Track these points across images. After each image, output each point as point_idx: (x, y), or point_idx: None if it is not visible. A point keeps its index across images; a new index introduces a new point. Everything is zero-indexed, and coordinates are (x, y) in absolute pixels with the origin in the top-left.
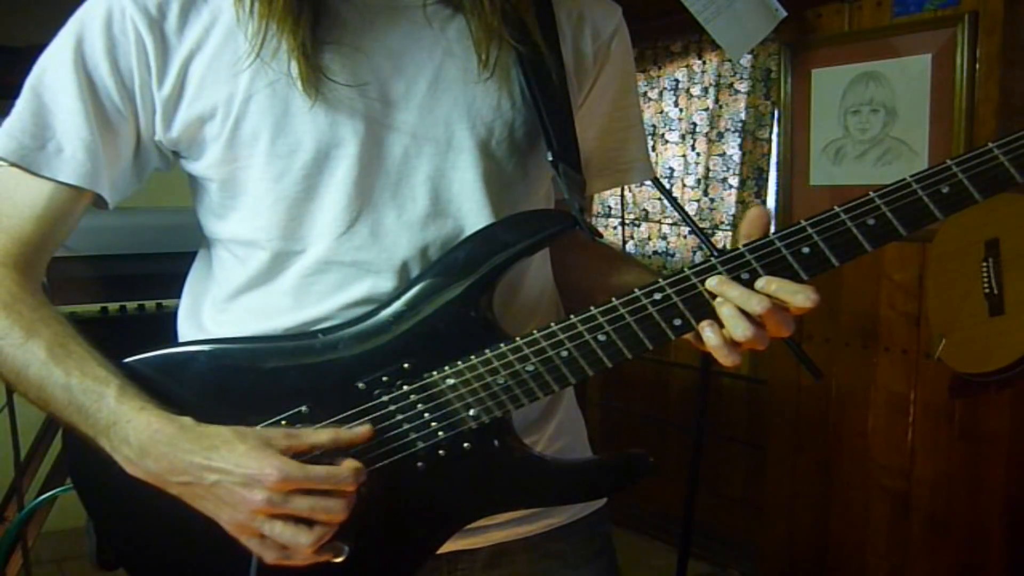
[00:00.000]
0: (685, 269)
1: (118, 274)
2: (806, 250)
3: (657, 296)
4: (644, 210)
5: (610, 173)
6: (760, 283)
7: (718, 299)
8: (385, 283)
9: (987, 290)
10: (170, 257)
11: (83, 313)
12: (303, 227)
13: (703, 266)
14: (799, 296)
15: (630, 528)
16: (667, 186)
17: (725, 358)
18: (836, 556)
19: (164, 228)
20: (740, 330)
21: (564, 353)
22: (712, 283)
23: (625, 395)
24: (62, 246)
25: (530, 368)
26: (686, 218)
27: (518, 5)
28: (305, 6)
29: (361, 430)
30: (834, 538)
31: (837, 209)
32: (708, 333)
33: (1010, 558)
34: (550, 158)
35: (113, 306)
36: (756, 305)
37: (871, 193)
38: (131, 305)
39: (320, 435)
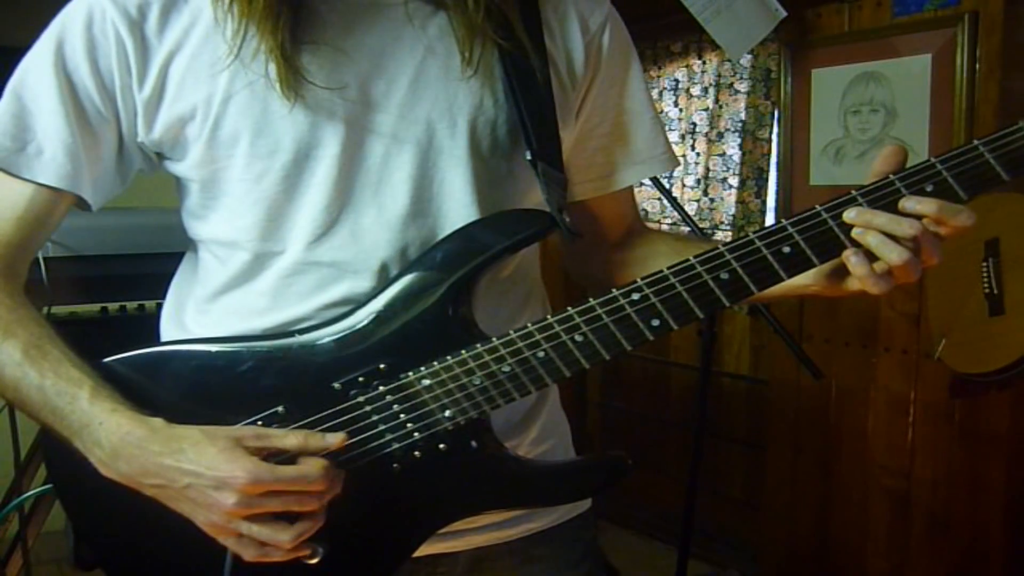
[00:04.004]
0: (664, 269)
1: (118, 274)
2: (787, 249)
3: (635, 296)
4: (644, 210)
5: (630, 165)
6: (910, 204)
7: (856, 229)
8: (364, 284)
9: (987, 290)
10: (170, 257)
11: (83, 313)
12: (282, 228)
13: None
14: (961, 215)
15: (630, 528)
16: (667, 186)
17: (874, 285)
18: (836, 556)
19: (163, 228)
20: (895, 253)
21: (540, 354)
22: (852, 214)
23: (625, 395)
24: (63, 246)
25: (506, 369)
26: (686, 218)
27: (502, 2)
28: (284, 6)
29: (332, 437)
30: (834, 538)
31: (819, 208)
32: (855, 260)
33: (1010, 558)
34: (529, 157)
35: (113, 306)
36: (908, 228)
37: (853, 191)
38: (131, 305)
39: (289, 439)
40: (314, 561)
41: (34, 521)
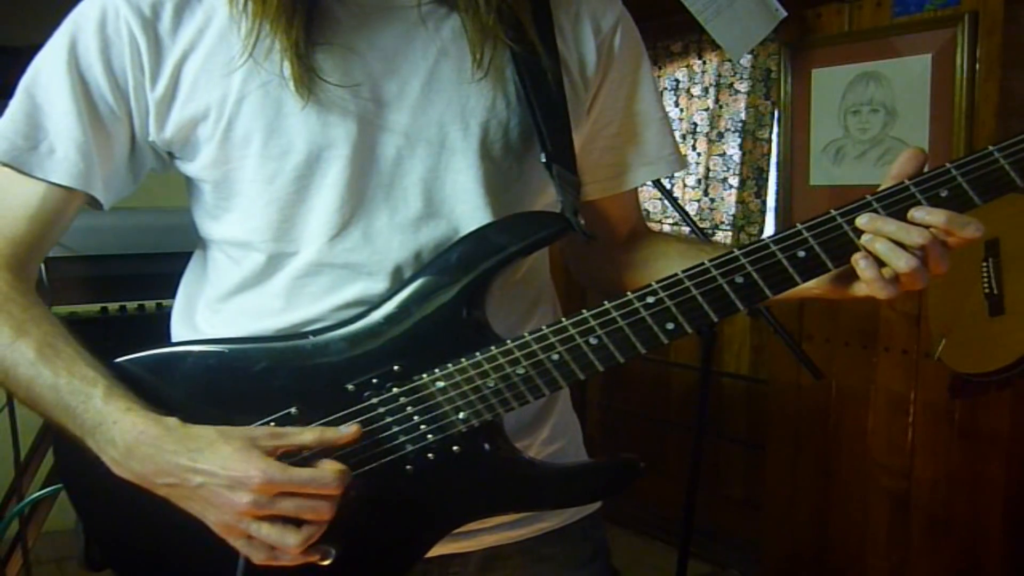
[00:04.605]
0: (679, 273)
1: (118, 274)
2: (802, 253)
3: (650, 299)
4: (645, 210)
5: (639, 167)
6: (919, 214)
7: (866, 236)
8: (377, 285)
9: (987, 290)
10: (170, 257)
11: (83, 313)
12: (295, 229)
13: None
14: (969, 227)
15: (630, 528)
16: (668, 186)
17: (882, 290)
18: (836, 556)
19: (164, 228)
20: (903, 261)
21: (555, 356)
22: (863, 220)
23: (625, 395)
24: (62, 246)
25: (520, 371)
26: (686, 218)
27: (514, 4)
28: (298, 6)
29: (347, 430)
30: (834, 538)
31: (834, 212)
32: (864, 264)
33: (1010, 558)
34: (543, 159)
35: (113, 306)
36: (917, 237)
37: (868, 196)
38: (131, 305)
39: (305, 435)
40: (326, 563)
41: (34, 521)
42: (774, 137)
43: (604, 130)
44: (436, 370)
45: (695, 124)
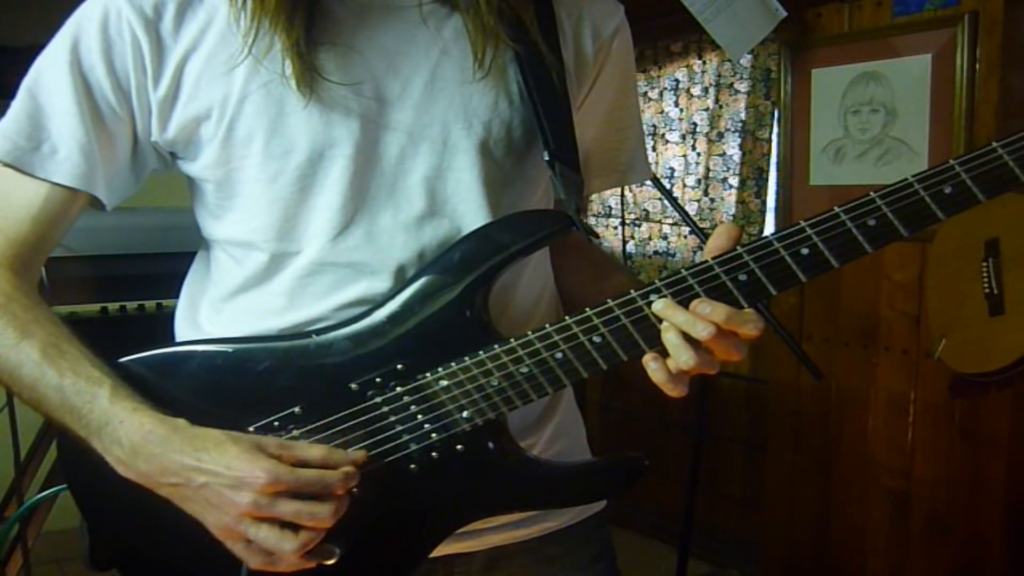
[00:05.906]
0: (682, 270)
1: (118, 274)
2: (805, 251)
3: (654, 297)
4: (645, 210)
5: (608, 173)
6: (705, 309)
7: (664, 324)
8: (380, 284)
9: (987, 290)
10: (170, 257)
11: (83, 313)
12: (298, 228)
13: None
14: (748, 324)
15: (630, 528)
16: (667, 186)
17: (672, 391)
18: (836, 556)
19: (164, 228)
20: (683, 358)
21: (559, 355)
22: (658, 307)
23: (625, 395)
24: (62, 246)
25: (524, 369)
26: (686, 218)
27: (516, 4)
28: (299, 5)
29: (355, 455)
30: (834, 538)
31: (837, 210)
32: (652, 367)
33: (1010, 558)
34: (546, 158)
35: (113, 306)
36: (702, 331)
37: (871, 193)
38: (131, 305)
39: (312, 451)
40: (329, 563)
41: (34, 521)
42: (774, 137)
43: (584, 133)
44: (440, 369)
45: (695, 124)
